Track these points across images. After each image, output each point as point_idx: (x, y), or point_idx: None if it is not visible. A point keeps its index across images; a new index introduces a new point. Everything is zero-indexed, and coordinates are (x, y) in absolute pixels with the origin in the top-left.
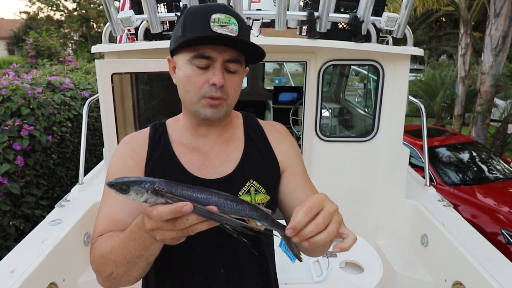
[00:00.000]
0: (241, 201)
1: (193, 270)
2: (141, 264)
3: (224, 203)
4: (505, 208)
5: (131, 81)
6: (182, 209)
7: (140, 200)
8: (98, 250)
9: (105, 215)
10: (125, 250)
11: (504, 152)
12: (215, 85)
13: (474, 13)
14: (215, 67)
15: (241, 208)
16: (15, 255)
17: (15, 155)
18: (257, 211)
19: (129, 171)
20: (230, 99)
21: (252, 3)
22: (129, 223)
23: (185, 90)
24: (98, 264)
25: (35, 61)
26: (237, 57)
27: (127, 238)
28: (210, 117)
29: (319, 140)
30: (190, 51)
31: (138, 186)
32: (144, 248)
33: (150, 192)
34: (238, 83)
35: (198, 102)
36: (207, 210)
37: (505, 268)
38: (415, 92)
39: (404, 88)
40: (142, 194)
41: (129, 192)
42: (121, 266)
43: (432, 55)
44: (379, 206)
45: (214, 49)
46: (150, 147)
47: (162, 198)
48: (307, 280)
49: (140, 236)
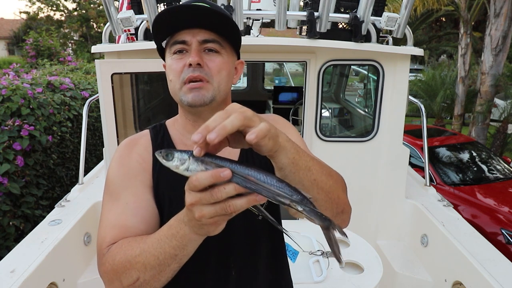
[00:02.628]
0: (281, 180)
1: (205, 274)
2: (172, 266)
3: (263, 177)
4: (505, 208)
5: (131, 81)
6: (221, 174)
7: (182, 168)
8: (120, 256)
9: (113, 223)
10: (159, 249)
11: (504, 152)
12: (191, 65)
13: (474, 13)
14: (190, 49)
15: (281, 186)
16: (15, 255)
17: (15, 155)
18: (298, 193)
19: (136, 176)
20: (215, 81)
21: (252, 3)
22: (140, 230)
23: (169, 80)
24: (121, 271)
25: (35, 61)
26: (214, 38)
27: (162, 236)
28: (193, 102)
29: (319, 140)
30: (168, 44)
31: (181, 153)
32: (181, 246)
33: (191, 158)
34: (221, 64)
35: (180, 89)
36: (247, 179)
37: (505, 268)
38: (415, 92)
39: (404, 88)
40: (184, 161)
41: (173, 159)
42: (151, 269)
43: (432, 55)
44: (379, 206)
45: (188, 33)
46: (154, 150)
47: (202, 165)
48: (307, 280)
49: (179, 231)
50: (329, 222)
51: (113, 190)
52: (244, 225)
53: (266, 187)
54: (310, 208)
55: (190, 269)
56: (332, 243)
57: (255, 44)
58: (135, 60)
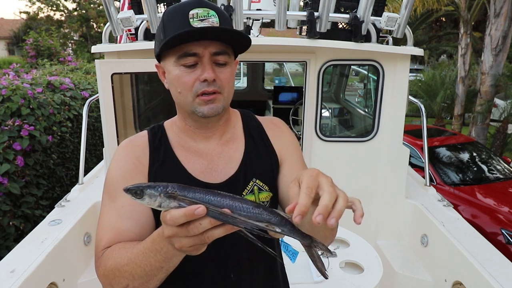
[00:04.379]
0: (258, 204)
1: (203, 277)
2: (159, 276)
3: (239, 206)
4: (505, 208)
5: (131, 81)
6: (195, 212)
7: (154, 205)
8: (111, 262)
9: (109, 225)
10: (145, 262)
11: (504, 152)
12: (206, 81)
13: (474, 13)
14: (203, 63)
15: (258, 212)
16: (15, 255)
17: (15, 155)
18: (276, 215)
19: (132, 178)
20: (226, 92)
21: (252, 3)
22: (135, 233)
23: (178, 92)
24: (111, 277)
25: (35, 61)
26: (224, 49)
27: (147, 249)
28: (208, 114)
29: (319, 140)
30: (175, 52)
31: (151, 190)
32: (166, 260)
33: (163, 195)
34: (230, 75)
35: (193, 101)
36: (221, 212)
37: (505, 268)
38: (415, 92)
39: (404, 88)
40: (156, 198)
41: (143, 196)
42: (139, 278)
43: (432, 55)
44: (379, 206)
45: (199, 45)
46: (151, 152)
47: (175, 202)
48: (307, 280)
49: (163, 247)
50: (310, 240)
51: (111, 192)
52: None
53: (241, 218)
54: (289, 228)
55: (188, 271)
56: (315, 259)
57: (255, 44)
58: (135, 60)
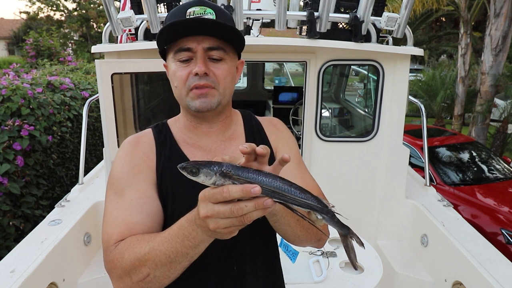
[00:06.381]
0: (305, 190)
1: (209, 268)
2: (183, 264)
3: (288, 189)
4: (505, 208)
5: (131, 81)
6: (252, 190)
7: (209, 182)
8: (128, 253)
9: (118, 220)
10: (170, 248)
11: (504, 152)
12: (198, 74)
13: (474, 13)
14: (196, 57)
15: (304, 197)
16: (15, 255)
17: (15, 155)
18: (320, 203)
19: (140, 173)
20: (221, 88)
21: (252, 3)
22: (147, 226)
23: (175, 87)
24: (129, 269)
25: (35, 61)
26: (219, 45)
27: (173, 236)
28: (200, 108)
29: (319, 140)
30: (172, 49)
31: (208, 168)
32: (193, 246)
33: (218, 174)
34: (226, 71)
35: (187, 95)
36: (274, 191)
37: (505, 268)
38: (415, 92)
39: (404, 88)
40: (211, 177)
41: (199, 174)
42: (162, 266)
43: (432, 55)
44: (379, 206)
45: (193, 40)
46: (157, 148)
47: (229, 181)
48: (307, 280)
49: (191, 232)
50: (347, 231)
51: (118, 187)
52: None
53: (292, 197)
54: (330, 216)
55: (194, 263)
56: (349, 250)
57: (255, 44)
58: (135, 60)
